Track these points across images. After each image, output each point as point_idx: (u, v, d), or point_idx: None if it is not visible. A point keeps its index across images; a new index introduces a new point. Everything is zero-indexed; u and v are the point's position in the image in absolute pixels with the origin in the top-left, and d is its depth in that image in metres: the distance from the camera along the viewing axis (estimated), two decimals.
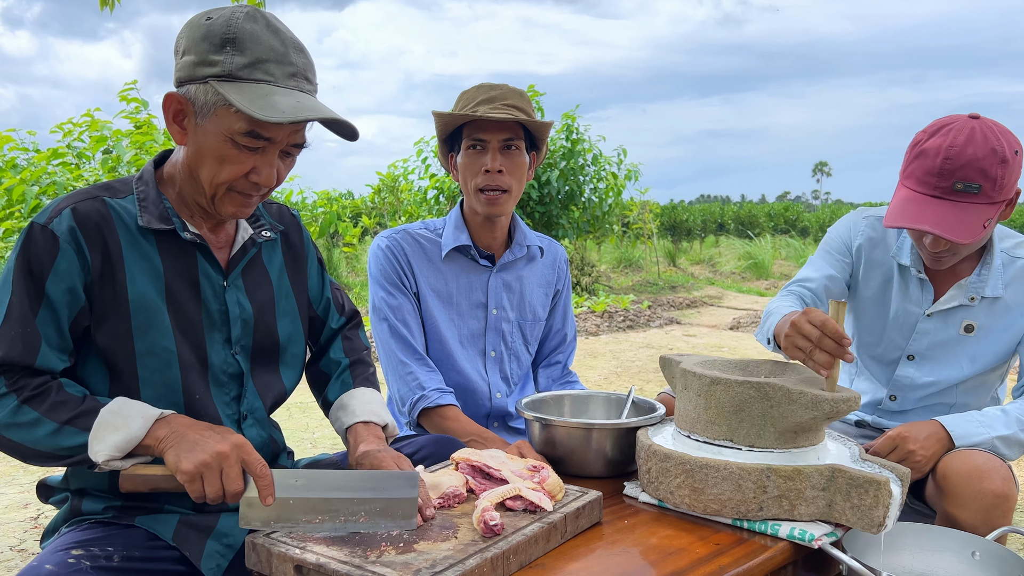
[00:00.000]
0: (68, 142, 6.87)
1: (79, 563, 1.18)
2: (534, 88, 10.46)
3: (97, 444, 1.18)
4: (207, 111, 1.25)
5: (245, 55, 1.23)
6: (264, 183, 1.30)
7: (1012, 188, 1.62)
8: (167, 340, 1.31)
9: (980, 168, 1.55)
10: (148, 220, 1.31)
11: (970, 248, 1.71)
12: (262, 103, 1.21)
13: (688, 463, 1.39)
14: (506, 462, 1.43)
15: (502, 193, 1.88)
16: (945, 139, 1.59)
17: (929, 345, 1.86)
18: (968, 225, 1.57)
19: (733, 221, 25.45)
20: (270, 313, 1.46)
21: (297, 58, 1.28)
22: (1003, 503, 1.50)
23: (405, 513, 1.20)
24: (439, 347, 1.95)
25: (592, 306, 9.04)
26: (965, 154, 1.55)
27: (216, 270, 1.39)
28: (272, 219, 1.53)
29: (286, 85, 1.27)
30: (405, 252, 1.94)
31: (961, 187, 1.56)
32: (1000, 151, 1.56)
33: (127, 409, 1.22)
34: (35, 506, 3.16)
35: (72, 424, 1.20)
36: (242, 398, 1.42)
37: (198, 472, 1.17)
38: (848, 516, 1.32)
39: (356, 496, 1.19)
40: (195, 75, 1.25)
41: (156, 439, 1.20)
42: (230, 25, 1.24)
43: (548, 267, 2.12)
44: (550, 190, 10.31)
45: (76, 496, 1.36)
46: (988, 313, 1.79)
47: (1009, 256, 1.78)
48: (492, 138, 1.86)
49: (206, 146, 1.27)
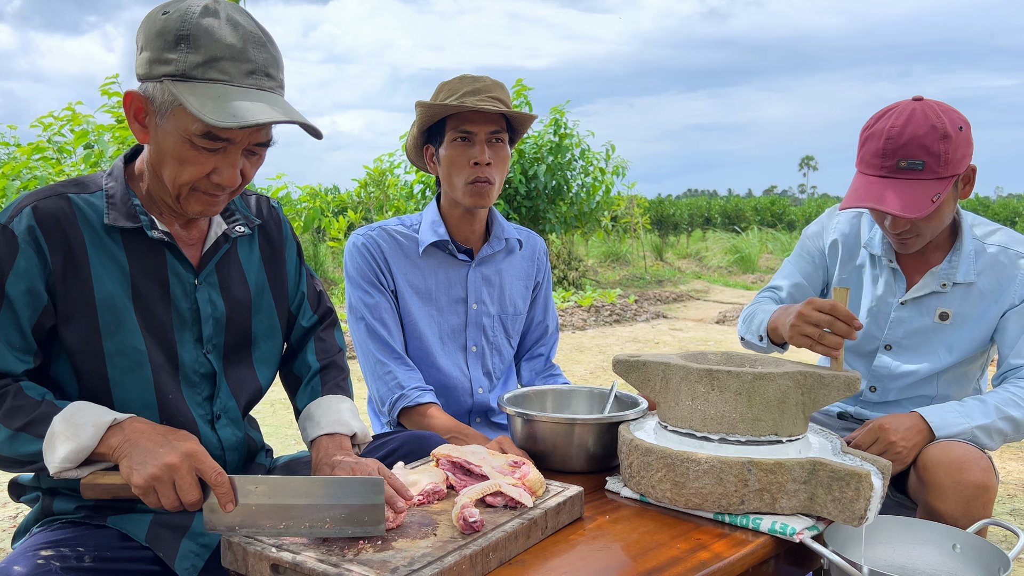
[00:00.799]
0: (48, 136, 6.80)
1: (48, 564, 1.16)
2: (523, 83, 10.43)
3: (50, 454, 1.15)
4: (164, 111, 1.21)
5: (199, 53, 1.18)
6: (227, 183, 1.26)
7: (960, 163, 1.65)
8: (136, 340, 1.28)
9: (921, 145, 1.61)
10: (114, 218, 1.28)
11: (934, 230, 1.73)
12: (214, 106, 1.16)
13: (669, 457, 1.38)
14: (487, 458, 1.42)
15: (488, 185, 1.86)
16: (887, 121, 1.65)
17: (905, 334, 1.87)
18: (916, 201, 1.61)
19: (720, 215, 25.54)
20: (245, 310, 1.44)
21: (256, 54, 1.22)
22: (983, 494, 1.50)
23: (372, 519, 1.15)
24: (418, 344, 1.93)
25: (579, 300, 9.04)
26: (906, 133, 1.62)
27: (187, 268, 1.36)
28: (249, 212, 1.49)
29: (243, 84, 1.21)
30: (381, 249, 1.92)
31: (905, 164, 1.62)
32: (941, 128, 1.62)
33: (79, 416, 1.18)
34: (13, 505, 3.13)
35: (26, 431, 1.17)
36: (215, 397, 1.40)
37: (149, 485, 1.13)
38: (830, 509, 1.32)
39: (320, 503, 1.15)
40: (151, 73, 1.20)
41: (109, 447, 1.17)
42: (185, 21, 1.19)
43: (527, 259, 2.10)
44: (537, 184, 10.30)
45: (47, 495, 1.33)
46: (962, 301, 1.81)
47: (982, 244, 1.80)
48: (480, 130, 1.84)
49: (166, 146, 1.23)
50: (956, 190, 1.70)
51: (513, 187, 10.26)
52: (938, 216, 1.70)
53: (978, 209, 25.49)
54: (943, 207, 1.68)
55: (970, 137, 1.67)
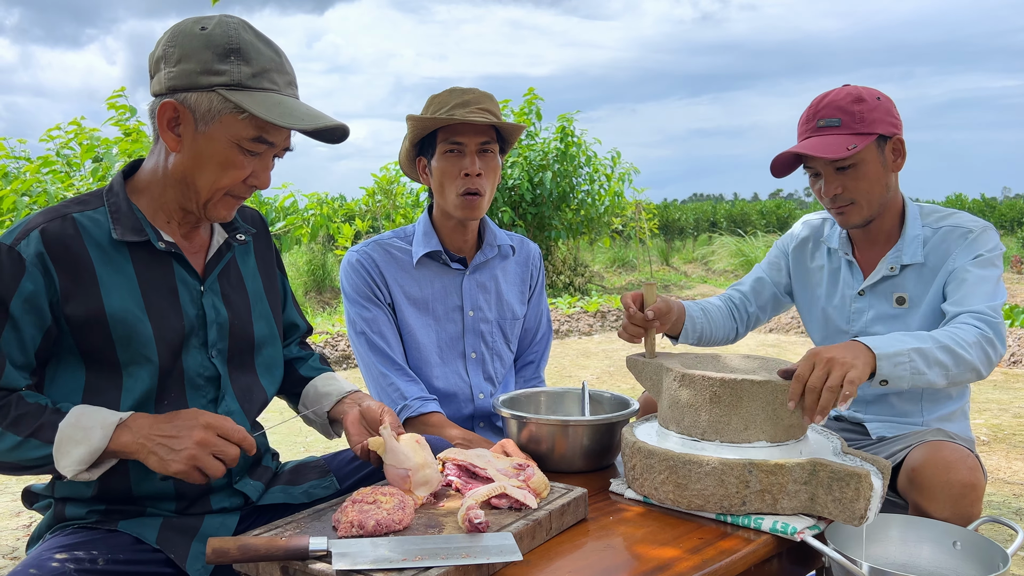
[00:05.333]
0: (57, 149, 6.87)
1: (63, 567, 1.19)
2: (533, 91, 10.47)
3: (62, 459, 1.21)
4: (211, 118, 1.27)
5: (251, 65, 1.29)
6: (261, 186, 1.36)
7: (877, 124, 1.77)
8: (148, 350, 1.32)
9: (837, 106, 1.79)
10: (122, 232, 1.32)
11: (868, 197, 1.80)
12: (280, 110, 1.28)
13: (672, 459, 1.40)
14: (492, 461, 1.44)
15: (479, 197, 1.90)
16: (814, 99, 1.86)
17: (868, 323, 1.91)
18: (830, 146, 1.75)
19: (726, 219, 25.49)
20: (246, 316, 1.48)
21: (289, 67, 1.36)
22: (971, 492, 1.52)
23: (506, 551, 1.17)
24: (417, 354, 1.97)
25: (585, 306, 9.05)
26: (825, 100, 1.82)
27: (192, 276, 1.40)
28: (244, 222, 1.54)
29: (287, 93, 1.33)
30: (376, 263, 1.96)
31: (823, 123, 1.80)
32: (855, 94, 1.79)
33: (85, 420, 1.23)
34: (27, 514, 3.16)
35: (34, 436, 1.22)
36: (219, 401, 1.43)
37: (191, 466, 1.22)
38: (830, 509, 1.34)
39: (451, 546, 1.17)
40: (197, 83, 1.27)
41: (120, 445, 1.23)
42: (230, 36, 1.28)
43: (522, 265, 2.15)
44: (543, 191, 10.32)
45: (59, 502, 1.36)
46: (916, 282, 1.84)
47: (932, 229, 1.85)
48: (469, 142, 1.88)
49: (208, 152, 1.30)
50: (883, 156, 1.79)
51: (519, 194, 10.29)
52: (866, 179, 1.78)
53: (984, 210, 25.20)
54: (869, 168, 1.78)
55: (891, 109, 1.80)
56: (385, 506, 1.24)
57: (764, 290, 2.13)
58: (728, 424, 1.42)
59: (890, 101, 1.81)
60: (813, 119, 1.82)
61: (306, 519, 1.28)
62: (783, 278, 2.12)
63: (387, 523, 1.21)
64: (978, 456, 1.65)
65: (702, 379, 1.44)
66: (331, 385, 1.61)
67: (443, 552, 1.13)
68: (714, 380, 1.42)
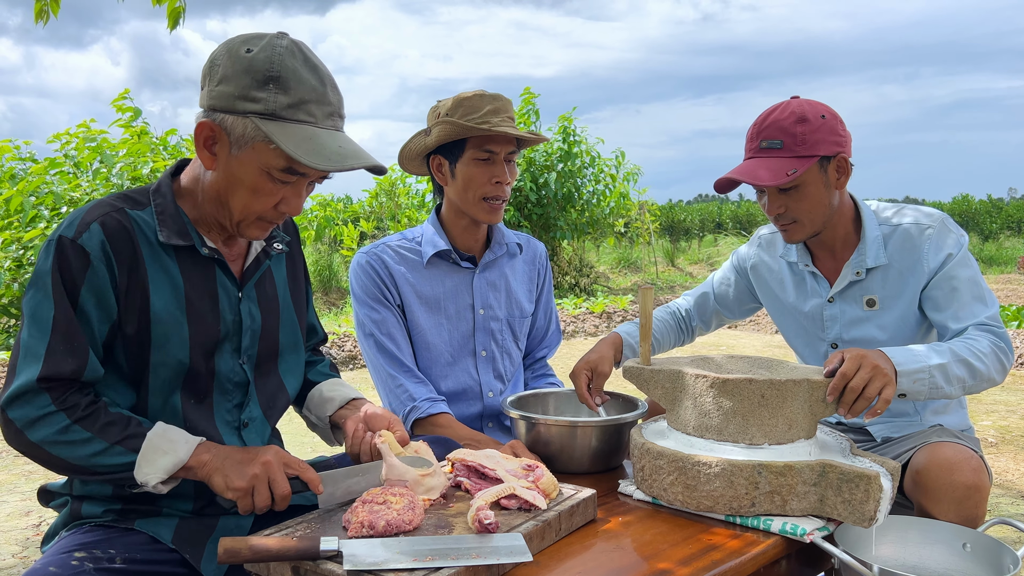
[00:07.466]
0: (65, 151, 6.90)
1: (82, 565, 1.20)
2: (530, 91, 10.48)
3: (147, 467, 1.24)
4: (244, 143, 1.26)
5: (288, 95, 1.25)
6: (292, 212, 1.35)
7: (819, 145, 1.74)
8: (183, 353, 1.34)
9: (780, 127, 1.76)
10: (167, 236, 1.33)
11: (811, 216, 1.80)
12: (307, 147, 1.24)
13: (680, 461, 1.41)
14: (501, 462, 1.45)
15: (503, 202, 1.95)
16: (761, 114, 1.83)
17: (843, 328, 1.92)
18: (771, 172, 1.74)
19: (731, 220, 25.45)
20: (275, 322, 1.50)
21: (333, 96, 1.30)
22: (975, 494, 1.52)
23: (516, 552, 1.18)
24: (427, 354, 1.98)
25: (590, 307, 9.05)
26: (768, 119, 1.79)
27: (232, 282, 1.41)
28: (280, 231, 1.55)
29: (325, 126, 1.28)
30: (386, 265, 1.97)
31: (766, 144, 1.78)
32: (800, 113, 1.76)
33: (170, 433, 1.28)
34: (37, 514, 3.17)
35: (122, 444, 1.25)
36: (244, 406, 1.45)
37: (250, 486, 1.26)
38: (840, 511, 1.34)
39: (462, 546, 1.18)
40: (234, 108, 1.25)
41: (200, 462, 1.27)
42: (272, 62, 1.25)
43: (529, 263, 2.16)
44: (547, 192, 10.33)
45: (76, 500, 1.37)
46: (883, 284, 1.85)
47: (890, 226, 1.85)
48: (501, 150, 1.91)
49: (240, 176, 1.29)
50: (826, 175, 1.77)
51: (524, 194, 10.30)
52: (807, 199, 1.77)
53: (991, 211, 24.98)
54: (811, 189, 1.76)
55: (836, 128, 1.77)
56: (395, 507, 1.25)
57: (707, 307, 2.20)
58: (775, 426, 1.43)
59: (835, 118, 1.78)
60: (756, 139, 1.80)
61: (317, 519, 1.29)
62: (731, 295, 2.16)
63: (397, 523, 1.22)
64: (983, 457, 1.65)
65: (747, 383, 1.42)
66: (336, 390, 1.62)
67: (453, 552, 1.14)
68: (761, 383, 1.42)
